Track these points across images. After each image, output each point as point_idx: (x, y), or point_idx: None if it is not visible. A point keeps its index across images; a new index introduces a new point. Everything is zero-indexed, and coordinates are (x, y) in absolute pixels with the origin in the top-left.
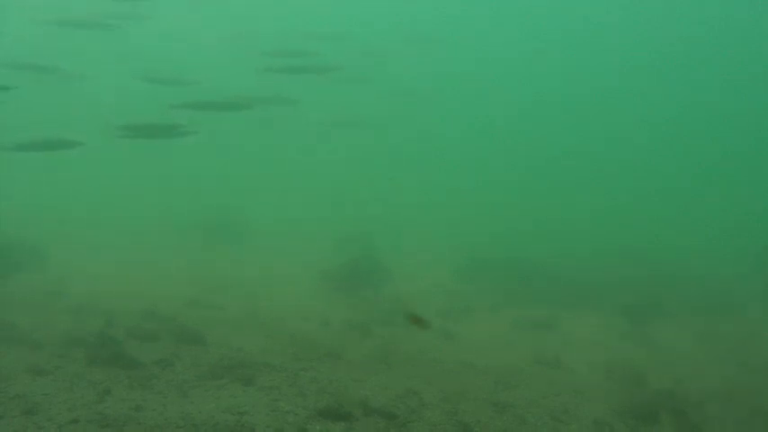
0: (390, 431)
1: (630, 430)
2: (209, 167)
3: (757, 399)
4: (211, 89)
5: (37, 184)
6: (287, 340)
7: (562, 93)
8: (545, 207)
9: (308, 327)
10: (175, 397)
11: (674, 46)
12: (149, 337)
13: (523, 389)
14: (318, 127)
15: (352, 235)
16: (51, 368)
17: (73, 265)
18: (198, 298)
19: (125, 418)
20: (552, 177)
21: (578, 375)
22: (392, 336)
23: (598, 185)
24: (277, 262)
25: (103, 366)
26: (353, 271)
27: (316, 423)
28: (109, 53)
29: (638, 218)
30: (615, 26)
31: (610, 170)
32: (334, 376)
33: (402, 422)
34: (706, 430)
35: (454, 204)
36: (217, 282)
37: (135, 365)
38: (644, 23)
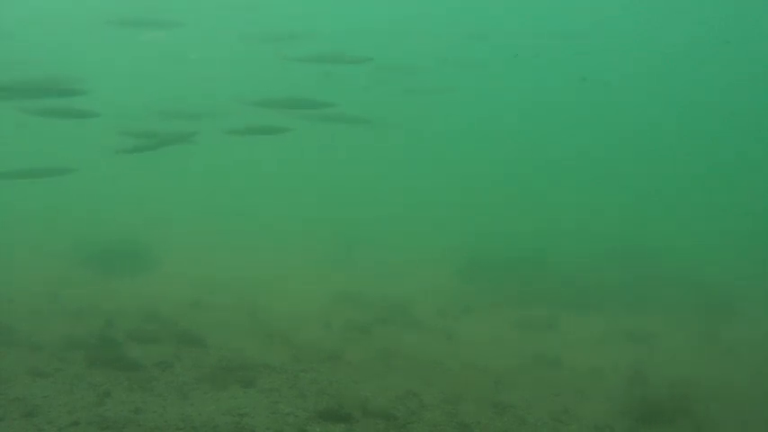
0: None
1: (630, 431)
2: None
3: (758, 400)
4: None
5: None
6: (287, 342)
7: (563, 93)
8: (546, 207)
9: (309, 328)
10: (175, 399)
11: (679, 46)
12: (149, 338)
13: (523, 389)
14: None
15: (353, 235)
16: (51, 370)
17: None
18: (199, 299)
19: (125, 421)
20: (553, 177)
21: (578, 376)
22: (392, 337)
23: (599, 185)
24: (277, 262)
25: (103, 368)
26: (353, 271)
27: (316, 425)
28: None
29: (639, 218)
30: (621, 24)
31: (611, 170)
32: (334, 378)
33: (402, 423)
34: (706, 431)
35: (455, 204)
36: (217, 283)
37: (135, 367)
38: (652, 21)
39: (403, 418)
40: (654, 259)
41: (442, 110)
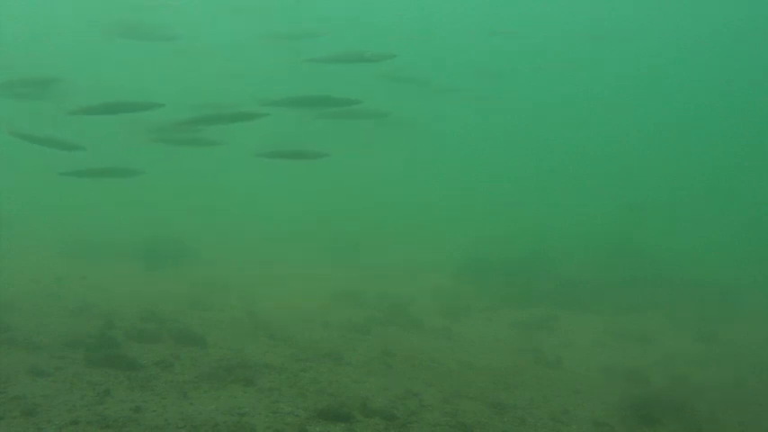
0: None
1: (630, 431)
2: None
3: (758, 399)
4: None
5: None
6: (287, 341)
7: (564, 93)
8: (545, 207)
9: (309, 328)
10: (175, 398)
11: (681, 49)
12: (149, 338)
13: (523, 389)
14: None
15: (353, 235)
16: (51, 369)
17: None
18: (198, 299)
19: (125, 420)
20: (553, 177)
21: (578, 376)
22: (392, 337)
23: (599, 185)
24: (277, 262)
25: (103, 367)
26: (353, 271)
27: (316, 424)
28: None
29: (639, 218)
30: (622, 29)
31: (611, 171)
32: (335, 377)
33: (402, 423)
34: (706, 431)
35: (455, 204)
36: (217, 283)
37: (135, 366)
38: (650, 28)
39: (403, 418)
40: (653, 259)
41: (451, 111)
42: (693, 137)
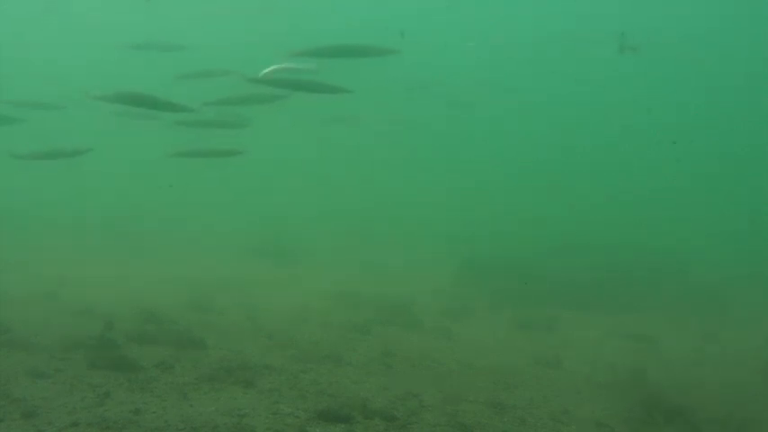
0: None
1: (631, 431)
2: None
3: (758, 399)
4: None
5: None
6: (287, 342)
7: (562, 91)
8: (545, 206)
9: (309, 328)
10: (175, 400)
11: (674, 46)
12: (149, 339)
13: (523, 389)
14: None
15: (352, 235)
16: (51, 371)
17: None
18: (198, 300)
19: (125, 422)
20: (552, 177)
21: (578, 376)
22: (392, 336)
23: (599, 185)
24: (276, 261)
25: (103, 369)
26: (353, 271)
27: (316, 425)
28: None
29: (638, 218)
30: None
31: (610, 170)
32: (335, 378)
33: (402, 424)
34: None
35: (454, 204)
36: (217, 284)
37: (135, 368)
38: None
39: (403, 418)
40: (652, 259)
41: (451, 113)
42: (694, 136)
